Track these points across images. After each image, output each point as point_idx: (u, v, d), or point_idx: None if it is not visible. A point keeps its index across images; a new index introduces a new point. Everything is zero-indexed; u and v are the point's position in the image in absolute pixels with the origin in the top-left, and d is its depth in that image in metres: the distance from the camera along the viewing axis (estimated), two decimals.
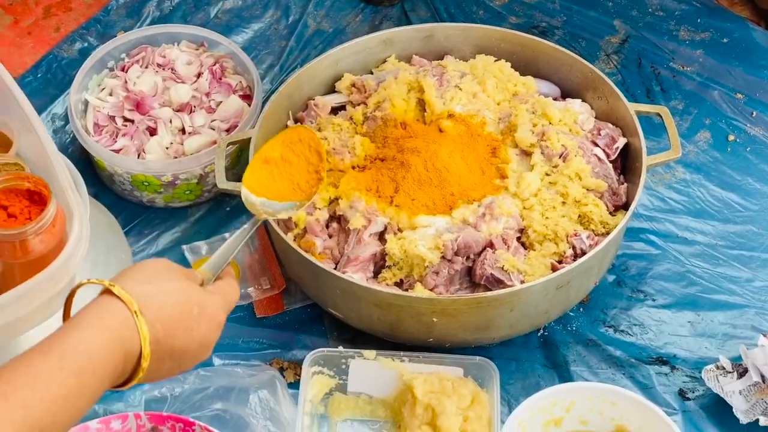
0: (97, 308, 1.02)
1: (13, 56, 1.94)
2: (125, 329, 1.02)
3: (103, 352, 0.99)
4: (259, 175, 1.39)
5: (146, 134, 1.75)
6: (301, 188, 1.39)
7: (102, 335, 0.99)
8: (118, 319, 1.02)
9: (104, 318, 1.01)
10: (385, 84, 1.68)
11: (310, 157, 1.41)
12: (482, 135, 1.62)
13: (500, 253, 1.48)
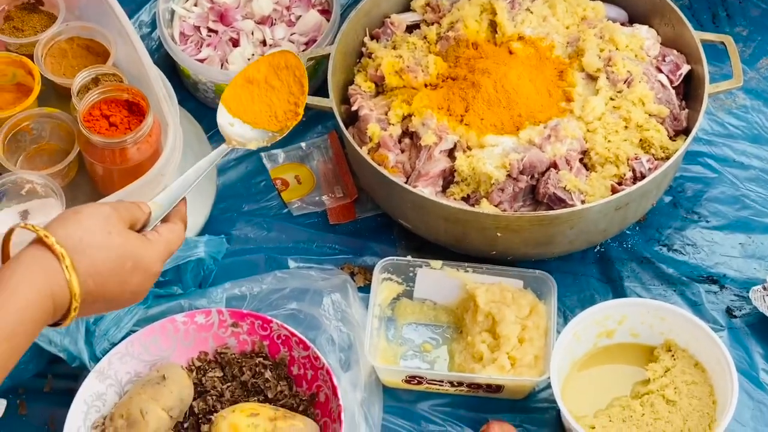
0: (30, 262, 1.03)
1: None
2: (56, 285, 1.04)
3: (35, 311, 1.02)
4: (239, 94, 1.39)
5: (229, 45, 1.83)
6: (277, 118, 1.39)
7: (32, 294, 1.02)
8: (50, 274, 1.03)
9: (36, 274, 1.03)
10: (459, 5, 1.75)
11: (293, 86, 1.40)
12: (550, 58, 1.68)
13: (563, 174, 1.57)
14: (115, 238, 1.09)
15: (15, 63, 1.57)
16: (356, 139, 1.65)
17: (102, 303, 1.11)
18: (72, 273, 1.03)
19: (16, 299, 1.01)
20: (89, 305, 1.09)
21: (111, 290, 1.09)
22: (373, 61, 1.73)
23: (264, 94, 1.39)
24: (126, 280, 1.10)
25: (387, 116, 1.66)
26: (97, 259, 1.06)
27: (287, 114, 1.38)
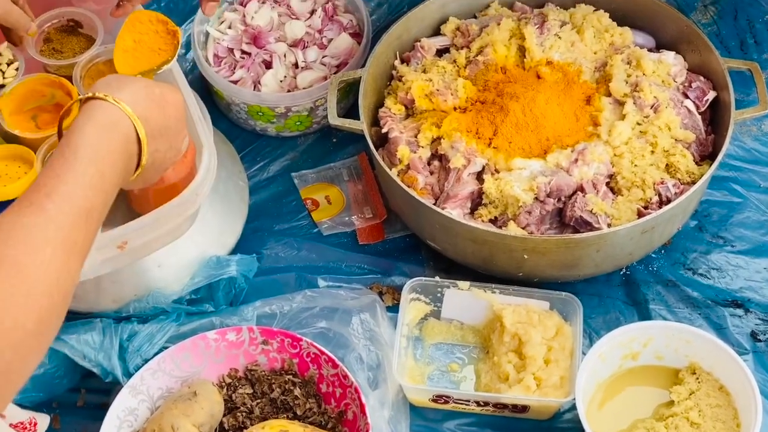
0: (87, 112, 1.16)
1: None
2: (113, 116, 1.16)
3: (106, 139, 1.14)
4: (126, 60, 1.48)
5: (262, 67, 1.87)
6: (163, 49, 1.47)
7: (98, 128, 1.14)
8: (105, 112, 1.16)
9: (93, 115, 1.15)
10: (488, 30, 1.78)
11: (157, 26, 1.48)
12: (578, 83, 1.71)
13: (590, 197, 1.59)
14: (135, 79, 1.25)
15: (54, 84, 1.61)
16: (386, 160, 1.68)
17: (160, 135, 1.22)
18: (122, 104, 1.16)
19: (86, 133, 1.12)
20: (152, 138, 1.20)
21: (158, 115, 1.22)
22: (403, 84, 1.76)
23: (143, 48, 1.47)
24: (162, 105, 1.23)
25: (416, 139, 1.69)
26: (132, 92, 1.19)
27: (167, 41, 1.47)
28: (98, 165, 1.11)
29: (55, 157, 1.10)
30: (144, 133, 1.19)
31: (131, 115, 1.17)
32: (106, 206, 1.12)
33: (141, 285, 1.61)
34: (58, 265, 1.01)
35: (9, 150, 1.55)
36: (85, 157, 1.10)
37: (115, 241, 1.41)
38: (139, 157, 1.20)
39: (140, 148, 1.19)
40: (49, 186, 1.05)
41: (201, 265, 1.64)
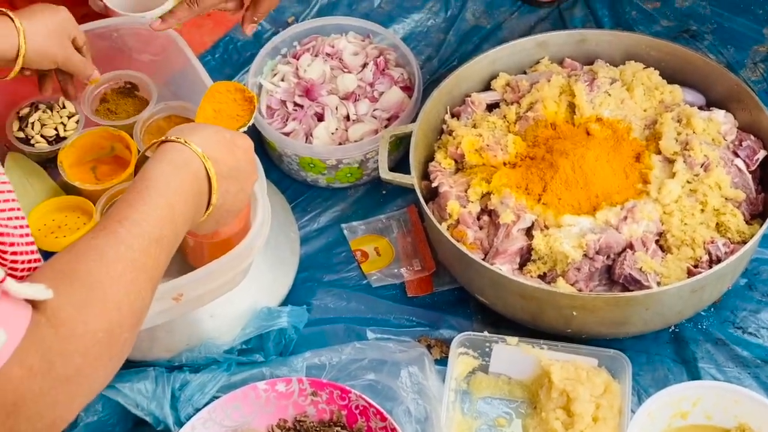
0: (160, 152, 1.22)
1: (194, 36, 2.10)
2: (185, 156, 1.22)
3: (177, 176, 1.19)
4: None
5: (314, 119, 1.90)
6: (241, 115, 1.51)
7: (169, 165, 1.20)
8: (178, 152, 1.22)
9: (167, 155, 1.21)
10: (538, 86, 1.79)
11: (235, 95, 1.52)
12: (627, 140, 1.72)
13: (639, 255, 1.59)
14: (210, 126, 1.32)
15: (114, 137, 1.65)
16: (436, 214, 1.70)
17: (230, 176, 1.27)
18: (193, 146, 1.22)
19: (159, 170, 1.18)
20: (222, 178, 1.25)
21: (227, 157, 1.27)
22: (453, 138, 1.78)
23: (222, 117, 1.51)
24: (231, 147, 1.29)
25: (466, 193, 1.70)
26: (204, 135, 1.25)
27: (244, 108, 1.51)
28: (169, 198, 1.16)
29: (129, 190, 1.16)
30: (214, 171, 1.24)
31: (201, 155, 1.23)
32: (176, 238, 1.16)
33: (194, 335, 1.63)
34: (127, 281, 1.06)
35: (69, 201, 1.58)
36: (156, 189, 1.16)
37: (171, 292, 1.44)
38: (210, 196, 1.25)
39: (210, 187, 1.24)
40: (121, 214, 1.11)
41: (252, 316, 1.66)
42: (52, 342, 0.98)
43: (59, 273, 1.02)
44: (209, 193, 1.25)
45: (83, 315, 1.01)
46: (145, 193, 1.15)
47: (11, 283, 0.95)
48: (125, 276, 1.06)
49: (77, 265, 1.03)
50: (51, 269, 1.03)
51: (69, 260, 1.04)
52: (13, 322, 0.95)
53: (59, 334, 0.98)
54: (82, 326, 1.00)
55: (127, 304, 1.05)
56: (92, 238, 1.07)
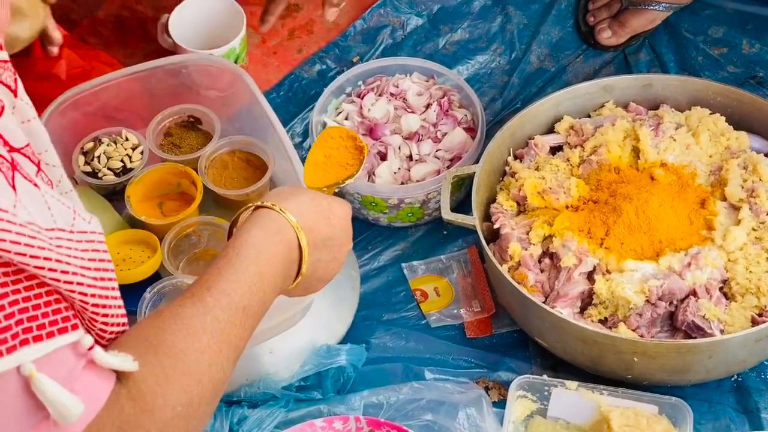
0: (254, 218, 1.21)
1: (260, 74, 2.12)
2: (278, 224, 1.20)
3: (267, 244, 1.17)
4: (315, 173, 1.49)
5: (377, 158, 1.91)
6: (350, 165, 1.49)
7: (263, 232, 1.18)
8: (271, 219, 1.20)
9: (260, 221, 1.19)
10: (603, 129, 1.79)
11: (347, 142, 1.50)
12: (692, 186, 1.71)
13: (702, 302, 1.58)
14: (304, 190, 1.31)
15: (180, 173, 1.67)
16: (497, 256, 1.70)
17: (323, 246, 1.25)
18: (287, 213, 1.20)
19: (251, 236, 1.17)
20: (315, 248, 1.23)
21: (323, 226, 1.25)
22: (516, 180, 1.78)
23: (331, 163, 1.49)
24: (328, 216, 1.27)
25: (528, 236, 1.70)
26: (300, 203, 1.24)
27: (355, 157, 1.49)
28: (259, 266, 1.14)
29: (220, 256, 1.15)
30: (306, 242, 1.22)
31: (295, 225, 1.21)
32: (263, 308, 1.15)
33: (252, 370, 1.64)
34: (211, 354, 1.04)
35: (135, 235, 1.61)
36: (247, 257, 1.14)
37: None
38: (300, 265, 1.23)
39: (301, 256, 1.22)
40: (210, 281, 1.10)
41: (311, 353, 1.67)
42: (130, 415, 0.96)
43: (144, 342, 1.01)
44: (299, 262, 1.23)
45: (165, 388, 0.99)
46: (236, 260, 1.13)
47: (99, 352, 0.93)
48: (210, 348, 1.04)
49: (163, 335, 1.02)
50: (136, 337, 1.01)
51: (155, 329, 1.03)
52: (93, 392, 0.93)
53: (138, 407, 0.97)
54: (162, 400, 0.98)
55: (209, 376, 1.04)
56: (179, 306, 1.06)
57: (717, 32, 2.10)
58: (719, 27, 2.10)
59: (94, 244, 0.93)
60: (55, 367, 0.88)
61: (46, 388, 0.86)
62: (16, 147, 0.90)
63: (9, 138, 0.89)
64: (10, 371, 0.85)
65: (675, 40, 2.10)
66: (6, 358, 0.84)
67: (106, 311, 0.92)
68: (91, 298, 0.90)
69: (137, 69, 1.77)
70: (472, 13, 2.18)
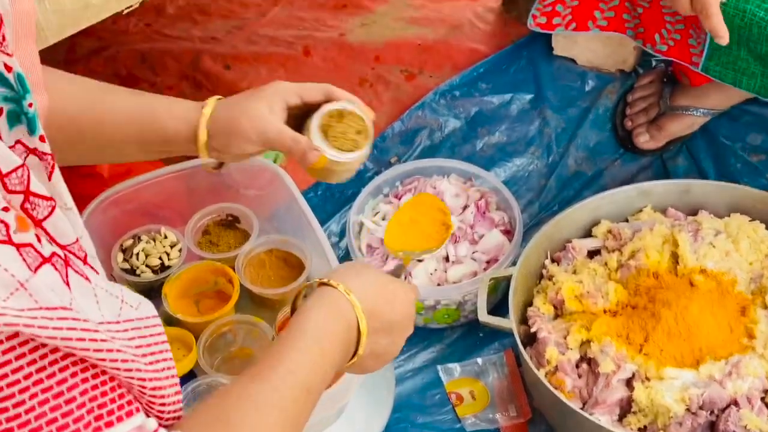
0: (318, 296, 1.22)
1: (298, 173, 2.13)
2: (341, 305, 1.21)
3: (331, 324, 1.19)
4: (397, 233, 1.52)
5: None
6: (432, 238, 1.50)
7: (326, 311, 1.20)
8: (335, 299, 1.21)
9: (325, 301, 1.21)
10: (641, 235, 1.78)
11: (436, 214, 1.52)
12: (732, 293, 1.69)
13: (744, 413, 1.55)
14: (374, 271, 1.31)
15: (218, 271, 1.68)
16: (534, 360, 1.68)
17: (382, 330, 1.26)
18: (351, 296, 1.22)
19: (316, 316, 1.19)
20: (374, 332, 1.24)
21: (385, 310, 1.26)
22: (553, 284, 1.77)
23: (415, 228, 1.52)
24: (392, 301, 1.27)
25: (566, 340, 1.68)
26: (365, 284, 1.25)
27: (439, 232, 1.51)
28: (322, 346, 1.17)
29: (286, 335, 1.17)
30: (365, 326, 1.23)
31: (357, 309, 1.22)
32: (324, 386, 1.17)
33: None
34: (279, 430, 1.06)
35: (170, 332, 1.60)
36: (312, 337, 1.16)
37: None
38: (356, 347, 1.24)
39: (359, 339, 1.24)
40: (275, 360, 1.12)
41: None
42: None
43: (214, 420, 1.02)
44: (357, 344, 1.24)
45: None
46: (301, 339, 1.15)
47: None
48: (277, 425, 1.06)
49: (232, 412, 1.03)
50: (205, 415, 1.03)
51: (224, 407, 1.04)
52: None
53: None
54: None
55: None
56: (248, 384, 1.08)
57: (756, 139, 2.10)
58: (758, 134, 2.10)
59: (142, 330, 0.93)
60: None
61: None
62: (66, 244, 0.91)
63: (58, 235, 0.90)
64: None
65: (713, 146, 2.10)
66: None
67: (162, 393, 0.92)
68: (148, 382, 0.90)
69: (178, 168, 1.79)
70: (510, 116, 2.20)
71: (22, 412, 0.81)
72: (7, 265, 0.79)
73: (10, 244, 0.80)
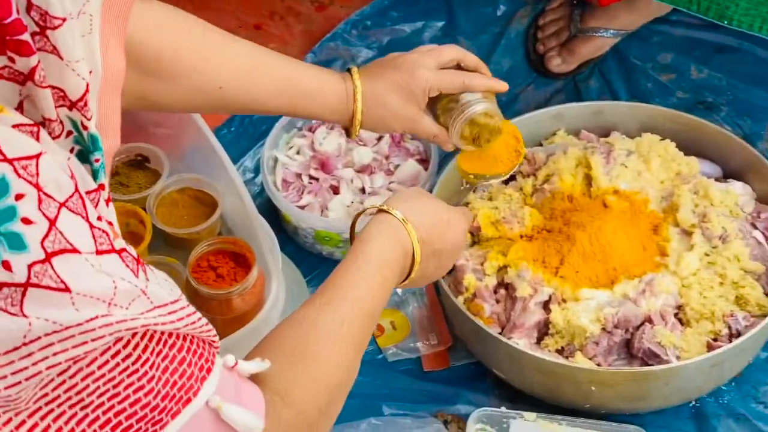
0: (378, 223, 1.31)
1: None
2: (400, 234, 1.31)
3: (391, 252, 1.28)
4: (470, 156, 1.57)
5: (329, 192, 1.90)
6: (503, 162, 1.56)
7: (387, 240, 1.29)
8: (395, 228, 1.31)
9: (385, 228, 1.30)
10: (555, 158, 1.79)
11: (509, 140, 1.57)
12: (645, 212, 1.71)
13: (658, 329, 1.57)
14: (432, 200, 1.40)
15: (128, 213, 1.65)
16: (452, 288, 1.68)
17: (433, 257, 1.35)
18: (408, 225, 1.31)
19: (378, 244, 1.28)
20: (425, 258, 1.33)
21: (437, 240, 1.35)
22: (469, 211, 1.77)
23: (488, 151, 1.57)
24: (445, 231, 1.36)
25: (483, 267, 1.69)
26: (423, 214, 1.34)
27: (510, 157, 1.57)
28: (384, 272, 1.26)
29: (350, 261, 1.26)
30: (419, 253, 1.32)
31: (413, 238, 1.31)
32: (382, 309, 1.26)
33: None
34: (348, 359, 1.16)
35: None
36: (375, 265, 1.25)
37: None
38: (410, 271, 1.33)
39: (413, 264, 1.32)
40: (344, 288, 1.21)
41: None
42: (288, 420, 1.06)
43: (289, 352, 1.12)
44: (410, 268, 1.33)
45: (313, 392, 1.10)
46: (365, 268, 1.24)
47: (242, 364, 1.03)
48: (348, 353, 1.16)
49: (306, 343, 1.13)
50: (280, 347, 1.13)
51: (298, 339, 1.14)
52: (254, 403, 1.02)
53: (293, 411, 1.07)
54: (311, 403, 1.10)
55: (346, 378, 1.16)
56: (318, 314, 1.17)
57: (665, 59, 2.11)
58: (667, 53, 2.11)
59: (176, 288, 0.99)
60: (227, 391, 0.98)
61: (233, 413, 0.97)
62: None
63: None
64: (201, 409, 0.95)
65: (624, 67, 2.11)
66: (196, 400, 0.94)
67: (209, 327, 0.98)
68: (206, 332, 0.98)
69: None
70: (422, 44, 2.17)
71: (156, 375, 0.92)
72: (123, 274, 0.87)
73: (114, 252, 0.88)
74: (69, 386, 0.87)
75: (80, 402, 0.88)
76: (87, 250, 0.85)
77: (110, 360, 0.88)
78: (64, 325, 0.84)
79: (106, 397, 0.89)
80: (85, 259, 0.85)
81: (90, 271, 0.85)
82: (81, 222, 0.86)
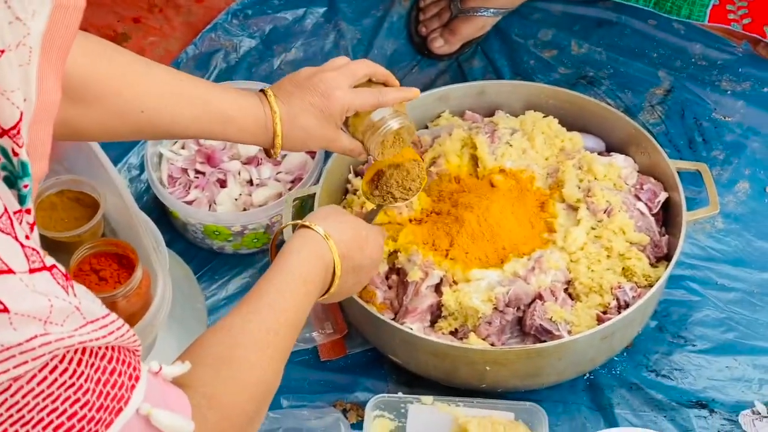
0: (300, 237, 1.38)
1: None
2: (322, 249, 1.37)
3: (313, 267, 1.35)
4: None
5: (217, 186, 1.87)
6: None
7: (309, 254, 1.35)
8: (317, 243, 1.37)
9: (307, 243, 1.36)
10: (440, 140, 1.79)
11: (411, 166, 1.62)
12: (531, 190, 1.72)
13: (549, 305, 1.59)
14: (350, 217, 1.46)
15: None
16: None
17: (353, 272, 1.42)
18: (330, 240, 1.38)
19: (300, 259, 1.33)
20: (345, 273, 1.40)
21: (356, 255, 1.41)
22: (358, 197, 1.76)
23: None
24: (364, 247, 1.43)
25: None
26: (343, 230, 1.40)
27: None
28: (307, 286, 1.32)
29: (275, 273, 1.31)
30: (340, 268, 1.38)
31: (335, 253, 1.38)
32: (304, 320, 1.31)
33: None
34: (274, 364, 1.20)
35: None
36: (298, 277, 1.31)
37: None
38: (330, 285, 1.39)
39: (333, 279, 1.38)
40: (270, 298, 1.26)
41: None
42: (214, 423, 1.09)
43: (218, 359, 1.15)
44: (331, 283, 1.39)
45: (240, 397, 1.13)
46: (290, 280, 1.30)
47: (166, 369, 1.05)
48: (274, 359, 1.20)
49: (234, 351, 1.17)
50: (210, 355, 1.15)
51: (226, 345, 1.17)
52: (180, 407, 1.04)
53: (219, 415, 1.10)
54: (239, 408, 1.13)
55: (273, 383, 1.20)
56: (247, 322, 1.21)
57: (546, 35, 2.13)
58: (548, 30, 2.13)
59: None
60: (155, 397, 0.99)
61: (163, 418, 0.98)
62: None
63: None
64: (132, 417, 0.96)
65: (507, 45, 2.12)
66: (127, 409, 0.95)
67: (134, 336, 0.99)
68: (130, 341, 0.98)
69: None
70: (305, 32, 2.16)
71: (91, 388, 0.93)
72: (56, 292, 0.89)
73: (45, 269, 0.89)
74: (10, 404, 0.88)
75: (21, 419, 0.89)
76: (20, 270, 0.87)
77: (48, 376, 0.89)
78: (4, 345, 0.86)
79: (45, 412, 0.90)
80: (20, 279, 0.86)
81: (25, 291, 0.86)
82: (12, 242, 0.87)
